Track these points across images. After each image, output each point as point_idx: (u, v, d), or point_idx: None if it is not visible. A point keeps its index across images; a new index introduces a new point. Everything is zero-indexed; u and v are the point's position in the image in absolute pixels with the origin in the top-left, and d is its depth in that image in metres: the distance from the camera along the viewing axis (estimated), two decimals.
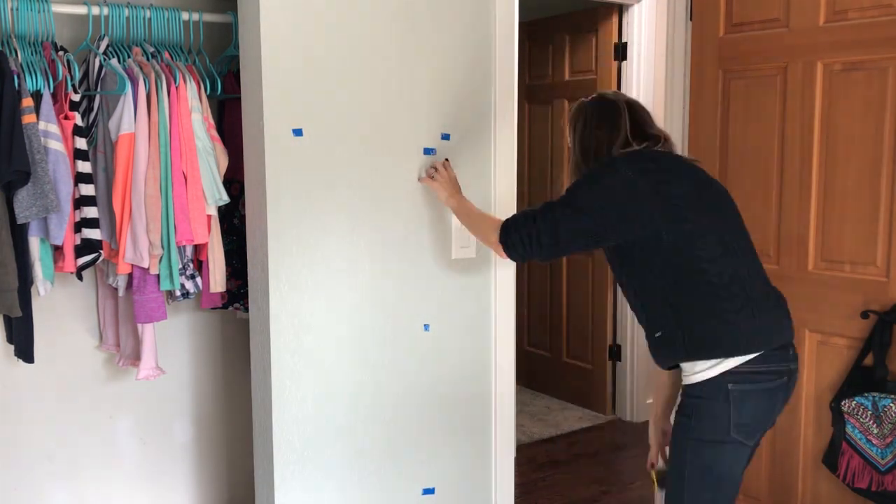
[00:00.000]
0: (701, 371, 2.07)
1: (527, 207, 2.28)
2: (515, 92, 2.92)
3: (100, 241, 2.57)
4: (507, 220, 2.24)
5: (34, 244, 2.50)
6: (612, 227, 2.10)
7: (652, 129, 2.24)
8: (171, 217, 2.59)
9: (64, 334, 2.86)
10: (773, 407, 2.12)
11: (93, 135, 2.66)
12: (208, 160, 2.65)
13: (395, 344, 2.75)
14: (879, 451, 2.50)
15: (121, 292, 2.74)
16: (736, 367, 2.05)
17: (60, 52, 2.57)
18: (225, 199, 2.69)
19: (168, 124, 2.58)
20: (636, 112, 2.26)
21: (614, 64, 4.36)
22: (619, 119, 2.22)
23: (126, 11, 2.66)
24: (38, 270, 2.52)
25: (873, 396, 2.50)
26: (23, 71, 2.43)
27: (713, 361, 2.06)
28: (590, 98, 2.32)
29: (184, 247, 2.67)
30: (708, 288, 2.06)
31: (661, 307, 2.13)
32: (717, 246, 2.08)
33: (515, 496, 3.13)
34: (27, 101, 2.39)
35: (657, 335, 2.16)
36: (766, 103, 2.76)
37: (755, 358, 2.05)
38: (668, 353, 2.16)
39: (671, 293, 2.10)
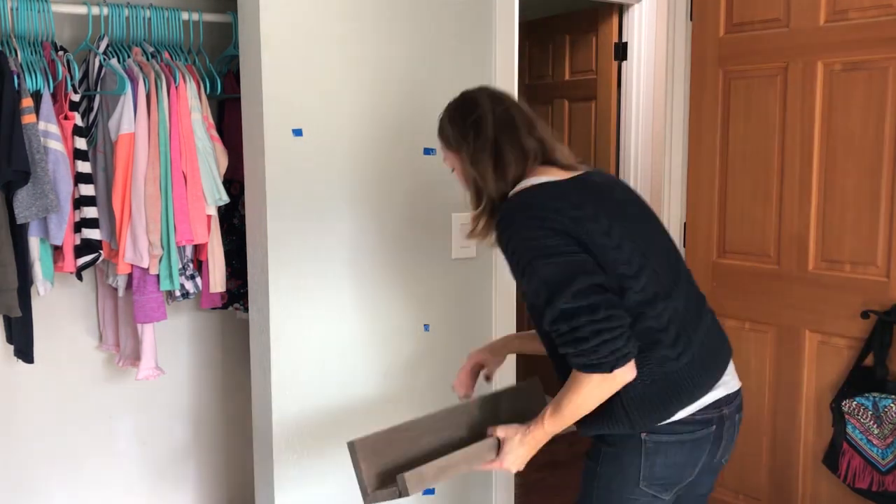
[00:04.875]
0: None
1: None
2: (516, 92, 2.91)
3: (99, 241, 2.57)
4: (569, 356, 1.65)
5: (34, 244, 2.50)
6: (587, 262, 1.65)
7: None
8: (170, 217, 2.59)
9: (64, 334, 2.86)
10: (697, 460, 1.76)
11: (93, 135, 2.66)
12: (208, 160, 2.65)
13: (395, 344, 2.75)
14: (880, 451, 2.50)
15: (121, 292, 2.74)
16: None
17: (60, 52, 2.57)
18: (225, 199, 2.69)
19: (168, 124, 2.58)
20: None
21: (614, 64, 4.35)
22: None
23: (126, 11, 2.66)
24: (38, 270, 2.52)
25: (874, 397, 2.50)
26: (23, 71, 2.43)
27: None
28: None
29: (184, 247, 2.67)
30: (650, 333, 1.68)
31: None
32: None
33: (515, 496, 3.13)
34: (27, 101, 2.39)
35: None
36: (766, 103, 2.76)
37: None
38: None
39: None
